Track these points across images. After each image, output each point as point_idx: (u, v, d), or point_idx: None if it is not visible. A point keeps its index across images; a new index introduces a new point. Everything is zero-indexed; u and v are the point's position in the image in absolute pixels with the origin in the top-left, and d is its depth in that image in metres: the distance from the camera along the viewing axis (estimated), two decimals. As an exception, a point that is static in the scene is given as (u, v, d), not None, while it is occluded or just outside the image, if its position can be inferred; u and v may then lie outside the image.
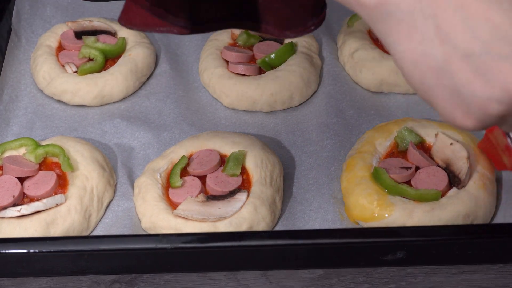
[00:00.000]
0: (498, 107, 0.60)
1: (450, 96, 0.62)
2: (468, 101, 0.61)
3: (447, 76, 0.61)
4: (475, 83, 0.60)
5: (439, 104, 0.63)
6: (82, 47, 1.17)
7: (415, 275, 0.89)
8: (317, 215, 0.97)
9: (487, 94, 0.60)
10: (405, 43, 0.62)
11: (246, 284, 0.89)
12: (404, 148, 0.99)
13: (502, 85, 0.59)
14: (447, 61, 0.60)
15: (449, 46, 0.60)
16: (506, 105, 0.60)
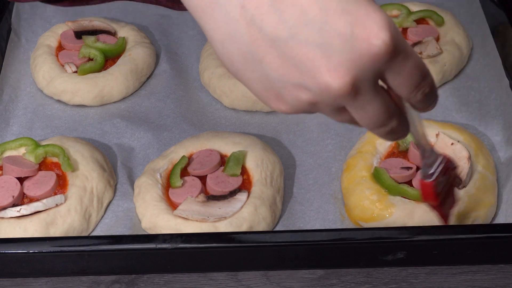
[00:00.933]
0: (308, 94, 0.58)
1: (260, 79, 0.59)
2: (278, 86, 0.59)
3: (256, 60, 0.58)
4: (283, 69, 0.57)
5: (251, 86, 0.60)
6: (82, 47, 1.17)
7: (416, 275, 0.89)
8: (317, 215, 0.97)
9: (296, 80, 0.57)
10: (211, 21, 0.58)
11: (246, 284, 0.89)
12: (404, 148, 0.99)
13: (310, 73, 0.56)
14: (254, 45, 0.57)
15: (255, 29, 0.56)
16: (315, 93, 0.57)
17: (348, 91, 0.57)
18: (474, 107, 1.10)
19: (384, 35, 0.55)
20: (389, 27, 0.56)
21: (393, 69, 0.58)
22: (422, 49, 1.13)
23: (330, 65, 0.56)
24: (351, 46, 0.55)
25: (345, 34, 0.55)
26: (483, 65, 1.16)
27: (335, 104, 0.59)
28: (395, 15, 1.20)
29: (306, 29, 0.55)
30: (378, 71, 0.57)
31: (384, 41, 0.55)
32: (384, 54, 0.56)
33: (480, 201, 0.92)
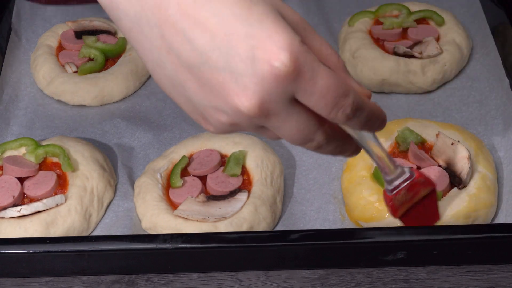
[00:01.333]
0: (225, 116, 0.60)
1: (186, 103, 0.62)
2: (201, 109, 0.62)
3: (179, 85, 0.61)
4: (202, 93, 0.60)
5: (183, 108, 0.64)
6: (82, 47, 1.17)
7: (416, 275, 0.89)
8: (317, 215, 0.97)
9: (213, 104, 0.60)
10: (140, 49, 0.62)
11: (246, 284, 0.89)
12: (405, 148, 0.99)
13: (222, 97, 0.59)
14: (176, 71, 0.60)
15: (175, 57, 0.59)
16: (231, 115, 0.60)
17: (257, 112, 0.58)
18: (474, 107, 1.10)
19: (283, 56, 0.56)
20: (289, 47, 0.56)
21: (303, 90, 0.58)
22: (422, 49, 1.13)
23: (238, 88, 0.58)
24: (254, 69, 0.57)
25: (248, 57, 0.57)
26: (483, 65, 1.16)
27: (253, 125, 0.61)
28: (395, 15, 1.20)
29: (215, 55, 0.57)
30: (286, 92, 0.58)
31: (283, 62, 0.56)
32: (285, 75, 0.57)
33: (480, 201, 0.92)
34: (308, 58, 0.58)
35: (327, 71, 0.59)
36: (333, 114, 0.60)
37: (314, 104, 0.60)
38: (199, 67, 0.58)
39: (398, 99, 1.13)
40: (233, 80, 0.58)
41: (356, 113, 0.62)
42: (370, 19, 1.20)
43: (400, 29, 1.17)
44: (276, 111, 0.59)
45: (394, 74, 1.11)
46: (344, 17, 1.25)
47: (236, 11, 0.57)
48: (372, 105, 0.64)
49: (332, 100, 0.59)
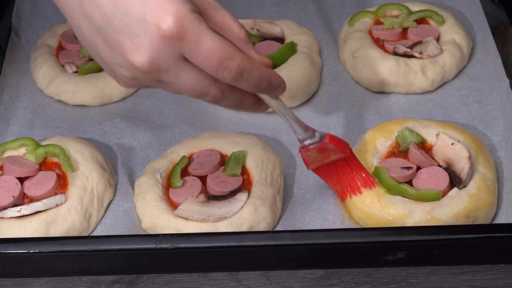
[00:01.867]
0: (126, 71, 0.72)
1: (100, 61, 0.75)
2: (110, 66, 0.74)
3: (94, 46, 0.73)
4: (108, 52, 0.72)
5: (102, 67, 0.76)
6: (82, 47, 1.17)
7: (416, 275, 0.89)
8: (317, 215, 0.97)
9: (116, 61, 0.72)
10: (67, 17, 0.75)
11: (246, 284, 0.89)
12: (405, 148, 0.99)
13: (122, 54, 0.70)
14: (90, 34, 0.72)
15: (88, 21, 0.71)
16: (130, 70, 0.71)
17: (149, 67, 0.70)
18: (474, 107, 1.10)
19: (169, 20, 0.67)
20: (176, 13, 0.67)
21: (188, 51, 0.69)
22: (423, 49, 1.13)
23: (133, 47, 0.69)
24: (145, 30, 0.68)
25: (141, 20, 0.68)
26: (483, 65, 1.16)
27: (150, 79, 0.73)
28: (395, 15, 1.20)
29: (116, 19, 0.69)
30: (173, 51, 0.69)
31: (169, 25, 0.67)
32: (170, 36, 0.68)
33: (480, 201, 0.92)
34: (195, 24, 0.68)
35: (213, 36, 0.69)
36: (219, 74, 0.71)
37: (199, 64, 0.70)
38: (105, 29, 0.70)
39: (398, 99, 1.13)
40: (129, 40, 0.69)
41: (243, 75, 0.72)
42: (370, 19, 1.20)
43: (400, 29, 1.17)
44: (166, 67, 0.70)
45: (394, 74, 1.11)
46: (344, 17, 1.26)
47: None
48: (265, 71, 0.75)
49: (215, 61, 0.69)
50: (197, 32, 0.68)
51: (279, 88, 0.78)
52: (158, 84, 0.74)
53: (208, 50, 0.69)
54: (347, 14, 1.26)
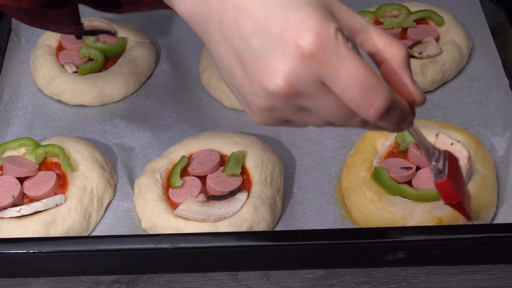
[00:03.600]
0: (261, 100, 0.62)
1: (237, 94, 0.65)
2: (246, 98, 0.63)
3: (231, 75, 0.63)
4: (244, 80, 0.62)
5: (239, 102, 0.66)
6: (82, 47, 1.17)
7: (416, 275, 0.89)
8: (317, 215, 0.97)
9: (251, 89, 0.62)
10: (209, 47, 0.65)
11: (246, 284, 0.89)
12: (404, 148, 0.99)
13: (256, 79, 0.61)
14: (228, 60, 0.63)
15: (228, 46, 0.62)
16: (265, 98, 0.61)
17: (287, 92, 0.60)
18: (474, 107, 1.10)
19: (309, 36, 0.58)
20: (317, 29, 0.58)
21: (328, 74, 0.59)
22: (422, 49, 1.13)
23: (269, 69, 0.59)
24: (282, 50, 0.58)
25: (279, 39, 0.59)
26: (483, 65, 1.16)
27: (289, 106, 0.62)
28: (394, 15, 1.20)
29: (254, 39, 0.60)
30: (313, 73, 0.59)
31: (308, 42, 0.57)
32: (309, 54, 0.58)
33: (480, 201, 0.92)
34: (337, 44, 0.58)
35: (355, 61, 0.58)
36: (362, 110, 0.59)
37: (341, 94, 0.59)
38: (243, 52, 0.61)
39: (398, 99, 1.12)
40: (266, 61, 0.59)
41: (389, 113, 0.60)
42: (369, 19, 1.20)
43: (399, 29, 1.17)
44: (307, 91, 0.60)
45: (394, 74, 1.11)
46: (344, 17, 1.25)
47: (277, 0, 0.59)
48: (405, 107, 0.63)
49: (359, 91, 0.58)
50: (339, 54, 0.58)
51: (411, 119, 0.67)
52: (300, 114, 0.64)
53: (350, 76, 0.58)
54: (347, 14, 1.26)
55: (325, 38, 0.58)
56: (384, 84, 0.59)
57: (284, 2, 0.59)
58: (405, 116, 0.63)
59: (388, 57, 0.63)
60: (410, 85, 0.63)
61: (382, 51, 0.63)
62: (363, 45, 0.63)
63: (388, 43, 0.63)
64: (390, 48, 0.63)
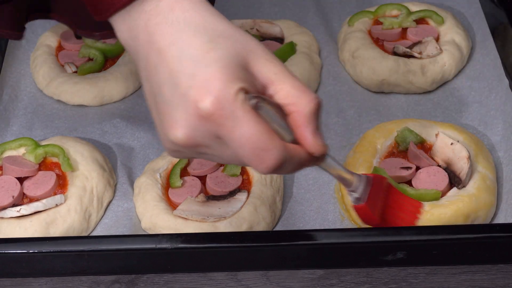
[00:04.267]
0: (168, 144, 0.67)
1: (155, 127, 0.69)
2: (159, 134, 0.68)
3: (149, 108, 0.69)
4: (157, 121, 0.67)
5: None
6: (82, 47, 1.17)
7: (416, 275, 0.89)
8: (317, 215, 0.97)
9: (161, 131, 0.67)
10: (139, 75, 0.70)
11: (246, 284, 0.89)
12: (404, 148, 0.99)
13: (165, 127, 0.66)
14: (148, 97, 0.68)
15: (148, 85, 0.67)
16: (170, 145, 0.66)
17: (186, 143, 0.65)
18: (474, 107, 1.10)
19: (208, 100, 0.62)
20: (217, 93, 0.62)
21: (223, 134, 0.63)
22: (422, 49, 1.13)
23: (173, 121, 0.65)
24: (185, 106, 0.63)
25: (184, 95, 0.63)
26: (482, 65, 1.16)
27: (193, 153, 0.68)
28: (394, 15, 1.20)
29: (166, 88, 0.64)
30: (210, 130, 0.64)
31: (206, 106, 0.62)
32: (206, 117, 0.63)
33: (480, 201, 0.92)
34: (235, 107, 0.62)
35: (251, 123, 0.62)
36: (253, 165, 0.65)
37: (235, 151, 0.64)
38: (157, 97, 0.66)
39: (398, 99, 1.13)
40: (171, 112, 0.64)
41: (281, 167, 0.65)
42: (369, 19, 1.20)
43: (399, 29, 1.17)
44: (205, 143, 0.65)
45: (393, 74, 1.11)
46: (344, 17, 1.25)
47: (194, 53, 0.63)
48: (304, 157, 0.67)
49: (250, 151, 0.63)
50: (235, 116, 0.62)
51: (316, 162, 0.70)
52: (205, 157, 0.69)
53: (243, 137, 0.63)
54: (347, 14, 1.26)
55: (223, 102, 0.62)
56: (276, 144, 0.63)
57: (197, 57, 0.63)
58: (303, 165, 0.67)
59: (295, 110, 0.65)
60: (310, 140, 0.66)
61: (290, 104, 0.65)
62: (274, 96, 0.66)
63: (297, 96, 0.65)
64: (299, 101, 0.65)
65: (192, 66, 0.63)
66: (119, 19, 0.68)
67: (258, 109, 0.64)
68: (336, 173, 0.73)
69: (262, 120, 0.63)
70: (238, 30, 0.67)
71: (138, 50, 0.67)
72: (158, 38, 0.65)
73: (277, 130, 0.65)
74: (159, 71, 0.65)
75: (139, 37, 0.66)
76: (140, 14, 0.66)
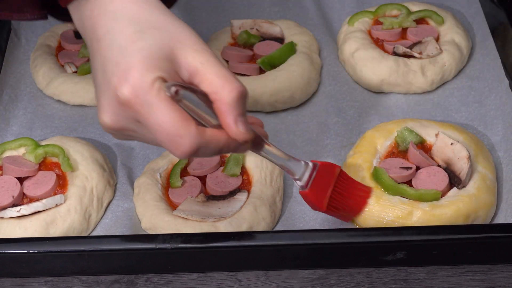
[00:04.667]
0: (103, 128, 0.73)
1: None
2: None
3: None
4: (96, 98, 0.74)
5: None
6: (82, 46, 1.17)
7: (416, 275, 0.89)
8: (317, 215, 0.97)
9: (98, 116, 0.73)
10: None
11: (246, 284, 0.89)
12: (404, 148, 0.99)
13: (98, 110, 0.72)
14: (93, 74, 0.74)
15: (92, 71, 0.74)
16: (102, 126, 0.73)
17: (111, 127, 0.72)
18: (474, 107, 1.10)
19: (125, 88, 0.68)
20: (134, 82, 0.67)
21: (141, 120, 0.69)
22: (422, 49, 1.13)
23: (101, 106, 0.71)
24: (108, 92, 0.69)
25: (109, 82, 0.69)
26: (482, 65, 1.16)
27: (121, 135, 0.74)
28: (394, 15, 1.20)
29: (99, 74, 0.71)
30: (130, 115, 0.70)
31: (123, 93, 0.68)
32: (124, 103, 0.68)
33: (480, 201, 0.92)
34: (150, 95, 0.67)
35: (165, 111, 0.67)
36: (170, 150, 0.70)
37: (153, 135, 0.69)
38: (95, 80, 0.73)
39: (398, 99, 1.13)
40: (100, 98, 0.71)
41: (198, 152, 0.70)
42: (369, 19, 1.20)
43: (399, 29, 1.17)
44: (130, 127, 0.71)
45: (393, 74, 1.11)
46: (344, 17, 1.25)
47: (123, 42, 0.69)
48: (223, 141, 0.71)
49: (165, 137, 0.69)
50: (149, 103, 0.68)
51: (242, 148, 0.74)
52: (133, 139, 0.75)
53: (156, 124, 0.68)
54: (347, 14, 1.26)
55: (138, 90, 0.67)
56: (190, 131, 0.68)
57: (125, 46, 0.69)
58: (224, 150, 0.72)
59: (218, 99, 0.70)
60: (232, 126, 0.70)
61: (213, 93, 0.70)
62: (200, 85, 0.70)
63: (221, 85, 0.70)
64: (222, 90, 0.69)
65: (118, 55, 0.69)
66: (73, 8, 0.74)
67: (181, 97, 0.68)
68: (278, 162, 0.78)
69: (177, 108, 0.68)
70: (174, 21, 0.71)
71: (85, 37, 0.74)
72: (97, 27, 0.71)
73: (204, 117, 0.70)
74: (96, 58, 0.71)
75: (85, 25, 0.72)
76: (87, 4, 0.72)
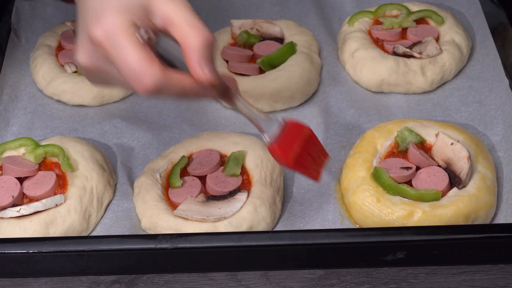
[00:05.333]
0: (80, 69, 0.81)
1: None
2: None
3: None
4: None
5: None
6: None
7: (416, 275, 0.89)
8: (317, 215, 0.97)
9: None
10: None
11: (246, 284, 0.89)
12: (404, 148, 0.99)
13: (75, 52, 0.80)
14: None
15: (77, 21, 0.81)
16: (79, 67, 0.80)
17: (86, 66, 0.79)
18: (474, 107, 1.10)
19: (98, 31, 0.75)
20: (105, 25, 0.74)
21: (110, 58, 0.75)
22: (422, 49, 1.13)
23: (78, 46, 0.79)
24: (83, 34, 0.77)
25: (85, 25, 0.76)
26: (482, 65, 1.16)
27: (95, 76, 0.81)
28: (394, 15, 1.20)
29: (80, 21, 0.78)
30: (102, 56, 0.76)
31: (95, 35, 0.75)
32: (97, 44, 0.75)
33: (480, 201, 0.92)
34: (120, 36, 0.74)
35: (131, 51, 0.73)
36: (134, 88, 0.75)
37: (120, 73, 0.75)
38: (78, 26, 0.79)
39: (398, 99, 1.13)
40: (78, 41, 0.78)
41: (160, 91, 0.75)
42: (369, 19, 1.20)
43: (399, 29, 1.17)
44: (102, 67, 0.78)
45: (393, 74, 1.11)
46: (344, 17, 1.25)
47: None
48: (188, 85, 0.77)
49: (129, 75, 0.74)
50: (118, 44, 0.74)
51: (209, 94, 0.80)
52: (107, 80, 0.81)
53: (123, 61, 0.74)
54: (347, 14, 1.26)
55: (109, 32, 0.74)
56: (154, 69, 0.74)
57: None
58: (188, 93, 0.77)
59: (187, 45, 0.75)
60: (196, 69, 0.76)
61: (183, 40, 0.75)
62: (174, 34, 0.76)
63: (189, 33, 0.75)
64: (188, 37, 0.75)
65: (97, 3, 0.76)
66: None
67: (155, 43, 0.76)
68: (248, 115, 0.84)
69: (144, 49, 0.74)
70: None
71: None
72: None
73: (177, 64, 0.77)
74: (79, 9, 0.78)
75: None
76: None
